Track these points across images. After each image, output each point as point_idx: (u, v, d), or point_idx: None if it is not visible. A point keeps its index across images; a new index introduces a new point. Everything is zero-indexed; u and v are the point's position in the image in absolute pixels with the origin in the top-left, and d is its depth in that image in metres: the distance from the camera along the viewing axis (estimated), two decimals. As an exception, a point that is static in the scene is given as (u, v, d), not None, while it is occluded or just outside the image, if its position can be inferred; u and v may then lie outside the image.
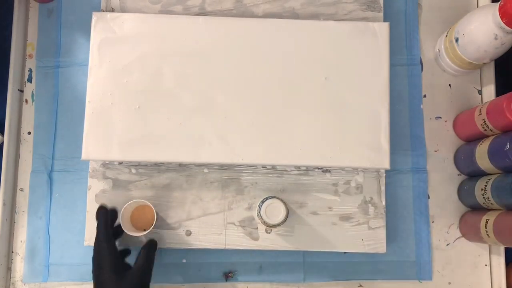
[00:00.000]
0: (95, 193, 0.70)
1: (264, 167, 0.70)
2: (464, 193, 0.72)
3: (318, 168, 0.70)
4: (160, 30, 0.69)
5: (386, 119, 0.68)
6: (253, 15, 0.73)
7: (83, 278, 0.71)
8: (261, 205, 0.65)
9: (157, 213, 0.67)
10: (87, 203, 0.70)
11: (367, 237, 0.69)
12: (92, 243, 0.64)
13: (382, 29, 0.70)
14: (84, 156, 0.67)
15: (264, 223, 0.66)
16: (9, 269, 0.72)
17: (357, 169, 0.70)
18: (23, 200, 0.73)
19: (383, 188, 0.70)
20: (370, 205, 0.69)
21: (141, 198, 0.69)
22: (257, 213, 0.68)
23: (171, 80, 0.68)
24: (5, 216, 0.71)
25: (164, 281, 0.71)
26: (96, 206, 0.68)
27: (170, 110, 0.67)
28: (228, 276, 0.71)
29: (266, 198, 0.66)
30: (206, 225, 0.69)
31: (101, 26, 0.69)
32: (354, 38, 0.69)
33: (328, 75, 0.68)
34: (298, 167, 0.70)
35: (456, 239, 0.72)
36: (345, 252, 0.71)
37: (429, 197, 0.73)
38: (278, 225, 0.66)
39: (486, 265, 0.72)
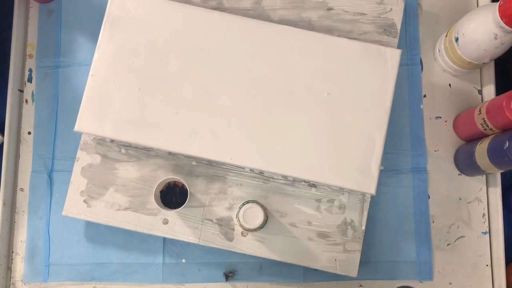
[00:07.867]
0: (81, 165, 0.69)
1: (252, 170, 0.69)
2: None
3: (305, 181, 0.69)
4: (174, 18, 0.69)
5: (381, 145, 0.66)
6: (269, 19, 0.72)
7: (83, 278, 0.71)
8: (241, 207, 0.65)
9: (190, 192, 0.66)
10: (72, 175, 0.69)
11: (341, 259, 0.67)
12: (70, 214, 0.63)
13: (393, 55, 0.68)
14: (77, 127, 0.66)
15: (241, 226, 0.66)
16: (9, 269, 0.72)
17: (343, 189, 0.68)
18: (23, 200, 0.73)
19: (365, 213, 0.68)
20: (349, 227, 0.68)
21: (125, 179, 0.68)
22: (236, 214, 0.67)
23: (175, 69, 0.68)
24: (5, 216, 0.71)
25: (164, 281, 0.71)
26: (81, 179, 0.67)
27: (169, 98, 0.67)
28: (228, 276, 0.71)
29: (247, 202, 0.66)
30: (183, 217, 0.68)
31: (118, 3, 0.69)
32: (364, 60, 0.68)
33: (331, 91, 0.67)
34: (285, 177, 0.69)
35: (457, 239, 0.72)
36: (316, 269, 0.69)
37: (429, 197, 0.72)
38: (254, 230, 0.66)
39: (487, 265, 0.71)
